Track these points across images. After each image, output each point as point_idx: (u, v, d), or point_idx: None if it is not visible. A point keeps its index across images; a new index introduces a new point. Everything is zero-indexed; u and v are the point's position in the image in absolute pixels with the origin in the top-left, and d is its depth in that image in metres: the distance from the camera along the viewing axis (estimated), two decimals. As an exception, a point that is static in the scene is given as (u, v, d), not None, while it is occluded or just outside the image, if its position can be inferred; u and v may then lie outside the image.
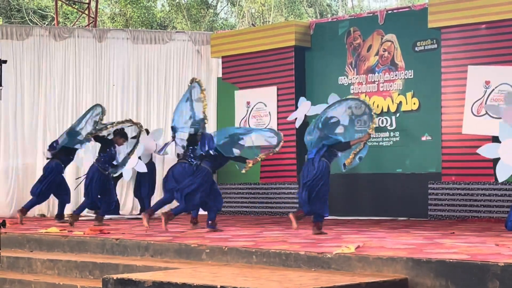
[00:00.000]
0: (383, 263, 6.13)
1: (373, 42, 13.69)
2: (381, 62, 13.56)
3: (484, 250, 6.54)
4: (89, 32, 15.73)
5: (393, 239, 7.96)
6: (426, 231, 9.34)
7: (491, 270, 5.50)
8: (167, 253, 7.81)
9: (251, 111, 15.01)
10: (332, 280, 5.74)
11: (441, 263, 5.79)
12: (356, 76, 13.83)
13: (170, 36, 16.22)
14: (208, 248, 7.43)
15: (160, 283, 5.76)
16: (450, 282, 5.69)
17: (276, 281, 5.72)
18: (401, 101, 13.23)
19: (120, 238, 8.47)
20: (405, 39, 13.23)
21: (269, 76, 14.74)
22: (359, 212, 13.14)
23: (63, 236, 9.11)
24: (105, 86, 15.63)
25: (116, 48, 15.75)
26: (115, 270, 7.42)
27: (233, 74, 15.41)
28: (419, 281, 5.86)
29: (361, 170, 12.84)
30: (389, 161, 13.08)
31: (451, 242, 7.53)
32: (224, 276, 6.03)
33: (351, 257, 6.34)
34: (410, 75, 13.18)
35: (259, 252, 6.96)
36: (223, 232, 9.52)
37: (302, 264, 6.60)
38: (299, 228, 10.05)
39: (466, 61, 12.18)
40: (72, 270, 7.97)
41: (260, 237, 8.49)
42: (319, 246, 7.10)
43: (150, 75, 15.95)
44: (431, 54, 12.83)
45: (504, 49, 11.87)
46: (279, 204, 14.43)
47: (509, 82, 11.68)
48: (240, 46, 15.19)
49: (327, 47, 14.26)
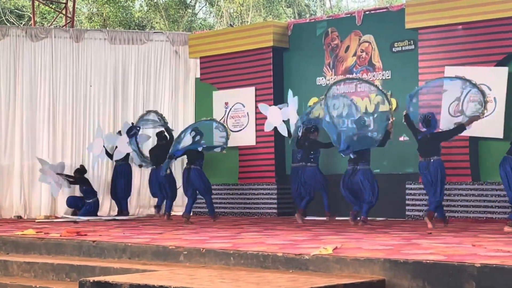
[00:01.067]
0: (361, 264, 6.13)
1: (351, 42, 13.73)
2: (359, 63, 13.60)
3: (460, 251, 6.56)
4: (66, 33, 15.65)
5: (370, 240, 7.96)
6: (403, 232, 9.37)
7: (467, 271, 5.52)
8: (144, 255, 7.77)
9: (229, 111, 14.99)
10: (310, 281, 5.73)
11: (418, 264, 5.80)
12: (334, 77, 13.86)
13: (148, 36, 16.17)
14: (186, 250, 7.40)
15: (137, 285, 5.72)
16: (427, 283, 5.70)
17: (254, 283, 5.70)
18: (379, 101, 13.26)
19: (97, 240, 8.42)
20: (382, 40, 13.28)
21: (247, 76, 14.74)
22: (338, 213, 13.15)
23: (40, 239, 9.04)
24: (82, 87, 15.55)
25: (93, 48, 15.68)
26: (92, 272, 7.37)
27: (211, 74, 15.39)
28: (396, 282, 5.87)
29: (340, 171, 12.84)
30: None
31: (428, 242, 7.55)
32: (201, 278, 6.01)
33: (328, 259, 6.34)
34: (387, 76, 13.23)
35: (236, 253, 6.95)
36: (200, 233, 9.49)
37: (280, 265, 6.59)
38: (277, 229, 10.05)
39: (443, 62, 12.24)
40: (49, 273, 7.90)
41: (238, 238, 8.47)
42: (297, 248, 7.10)
43: (128, 76, 15.89)
44: (409, 55, 12.89)
45: (481, 50, 11.94)
46: (257, 205, 14.43)
47: (486, 83, 11.72)
48: (218, 47, 15.17)
49: (305, 47, 14.28)
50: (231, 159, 14.90)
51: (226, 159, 14.89)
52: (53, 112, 15.28)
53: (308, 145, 12.35)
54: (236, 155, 14.91)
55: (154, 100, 16.04)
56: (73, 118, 15.46)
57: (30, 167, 15.10)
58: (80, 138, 15.52)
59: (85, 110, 15.58)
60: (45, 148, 15.21)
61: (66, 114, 15.39)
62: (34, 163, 14.99)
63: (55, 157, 15.22)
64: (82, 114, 15.53)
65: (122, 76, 15.86)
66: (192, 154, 13.19)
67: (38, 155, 15.04)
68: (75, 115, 15.47)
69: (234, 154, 14.91)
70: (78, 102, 15.52)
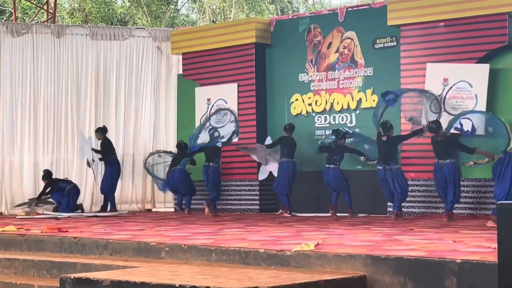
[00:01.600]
0: (342, 260, 6.14)
1: (333, 39, 13.74)
2: (341, 59, 13.61)
3: (441, 247, 6.58)
4: (47, 28, 15.57)
5: (352, 236, 7.98)
6: (385, 228, 9.39)
7: (448, 267, 5.53)
8: (126, 252, 7.75)
9: (211, 108, 14.96)
10: (292, 277, 5.73)
11: (399, 260, 5.81)
12: (317, 73, 13.87)
13: (130, 32, 16.12)
14: (168, 246, 7.38)
15: (118, 282, 5.70)
16: (408, 279, 5.71)
17: (235, 279, 5.70)
18: (361, 98, 13.31)
19: (78, 236, 8.39)
20: (365, 37, 13.30)
21: (230, 73, 14.72)
22: (320, 209, 13.18)
23: (21, 235, 8.99)
24: (63, 82, 15.47)
25: (75, 44, 15.61)
26: (73, 269, 7.34)
27: (193, 70, 15.36)
28: (377, 278, 5.88)
29: (322, 167, 12.86)
30: (349, 158, 13.11)
31: (409, 238, 7.58)
32: (183, 275, 5.99)
33: (310, 255, 6.34)
34: (370, 72, 13.25)
35: (218, 250, 6.94)
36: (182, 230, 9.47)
37: (261, 261, 6.59)
38: (259, 226, 10.05)
39: (425, 59, 12.27)
40: (30, 269, 7.86)
41: (220, 234, 8.46)
42: (279, 244, 7.10)
43: (110, 72, 15.84)
44: (391, 51, 12.91)
45: (462, 46, 11.98)
46: (239, 201, 14.42)
47: (467, 79, 11.80)
48: (200, 43, 15.14)
49: (288, 44, 14.28)
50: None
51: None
52: (34, 107, 15.20)
53: (336, 149, 12.52)
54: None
55: (136, 96, 16.00)
56: (55, 114, 15.39)
57: (10, 162, 15.01)
58: (62, 134, 15.46)
59: (66, 106, 15.50)
60: (25, 144, 15.13)
61: (47, 109, 15.31)
62: (14, 159, 14.92)
63: (36, 152, 15.15)
64: (63, 110, 15.46)
65: (104, 72, 15.80)
66: (209, 151, 13.38)
67: (17, 150, 14.98)
68: (56, 110, 15.40)
69: (217, 150, 14.89)
70: (59, 98, 15.44)
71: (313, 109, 13.90)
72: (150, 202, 16.10)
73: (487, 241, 7.08)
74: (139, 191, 15.98)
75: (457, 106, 11.84)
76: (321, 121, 13.77)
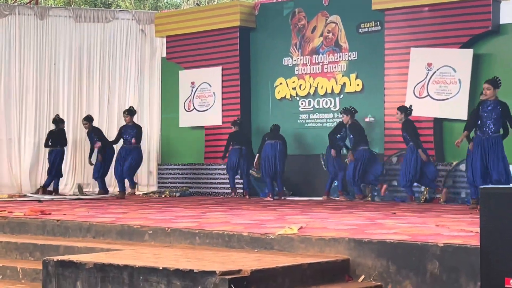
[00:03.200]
0: (326, 243, 6.16)
1: (317, 23, 13.74)
2: (326, 44, 13.61)
3: (424, 231, 6.62)
4: (30, 10, 15.46)
5: (335, 220, 8.01)
6: (368, 212, 9.43)
7: (430, 251, 5.56)
8: (109, 235, 7.73)
9: (195, 91, 14.94)
10: (275, 261, 5.74)
11: (382, 244, 5.84)
12: (301, 57, 13.87)
13: (113, 14, 16.03)
14: (151, 230, 7.37)
15: (101, 264, 5.69)
16: (391, 262, 5.74)
17: (219, 262, 5.70)
18: (345, 82, 13.32)
19: (61, 219, 8.36)
20: (349, 21, 13.30)
21: (214, 56, 14.69)
22: (304, 193, 13.21)
23: (3, 217, 8.95)
24: (47, 65, 15.40)
25: (58, 26, 15.53)
26: (56, 251, 7.31)
27: (177, 54, 15.32)
28: (360, 261, 5.91)
29: (305, 152, 12.89)
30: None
31: (392, 222, 7.61)
32: (166, 258, 5.99)
33: (293, 238, 6.36)
34: (354, 57, 13.26)
35: (202, 233, 6.94)
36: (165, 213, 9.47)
37: (245, 245, 6.60)
38: (243, 209, 10.06)
39: (409, 43, 12.30)
40: (12, 252, 7.83)
41: (204, 218, 8.47)
42: (262, 227, 7.11)
43: (93, 54, 15.77)
44: (375, 36, 12.93)
45: (446, 31, 12.01)
46: (223, 184, 14.42)
47: (450, 64, 11.85)
48: (184, 26, 15.10)
49: (272, 27, 14.26)
50: (197, 139, 14.88)
51: (192, 139, 14.89)
52: (18, 90, 15.11)
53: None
54: (202, 135, 14.89)
55: (120, 79, 15.95)
56: (37, 96, 15.31)
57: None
58: (44, 116, 15.39)
59: (49, 88, 15.43)
60: (11, 125, 15.06)
61: (30, 92, 15.24)
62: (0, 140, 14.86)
63: (20, 134, 15.09)
64: (46, 92, 15.39)
65: (87, 55, 15.73)
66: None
67: (2, 132, 14.93)
68: (39, 93, 15.33)
69: (200, 134, 14.90)
70: (42, 80, 15.38)
71: (297, 93, 13.91)
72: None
73: (469, 225, 7.13)
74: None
75: (440, 91, 11.89)
76: (305, 105, 13.78)
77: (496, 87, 9.81)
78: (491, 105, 9.79)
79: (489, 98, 9.80)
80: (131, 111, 14.08)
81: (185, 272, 5.25)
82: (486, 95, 9.85)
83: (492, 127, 9.80)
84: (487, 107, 9.80)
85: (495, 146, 9.78)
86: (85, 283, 5.74)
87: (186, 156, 14.88)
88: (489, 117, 9.81)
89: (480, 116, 9.87)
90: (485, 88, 9.86)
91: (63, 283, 5.88)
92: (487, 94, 9.82)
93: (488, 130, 9.82)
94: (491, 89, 9.77)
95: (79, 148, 15.59)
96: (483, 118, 9.84)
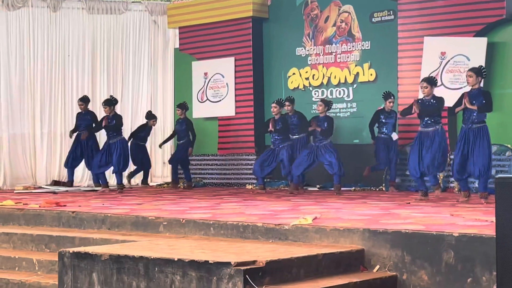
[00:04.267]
0: (340, 234, 6.16)
1: (330, 13, 13.69)
2: (338, 33, 13.57)
3: (439, 221, 6.61)
4: (43, 2, 15.47)
5: (349, 210, 8.01)
6: (382, 202, 9.42)
7: (446, 241, 5.56)
8: (124, 226, 7.76)
9: (208, 82, 14.94)
10: (290, 251, 5.75)
11: (397, 234, 5.84)
12: (314, 47, 13.83)
13: (126, 6, 16.04)
14: (166, 221, 7.39)
15: (117, 256, 5.72)
16: (406, 252, 5.74)
17: (234, 253, 5.72)
18: (358, 72, 13.29)
19: (76, 211, 8.40)
20: (362, 10, 13.25)
21: (227, 47, 14.68)
22: (317, 182, 13.19)
23: (19, 209, 9.00)
24: (60, 57, 15.42)
25: (71, 18, 15.53)
26: (71, 243, 7.35)
27: (190, 45, 15.31)
28: (375, 251, 5.91)
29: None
30: (346, 132, 13.15)
31: (407, 212, 7.60)
32: (181, 249, 6.01)
33: (308, 229, 6.37)
34: (367, 46, 13.22)
35: (216, 224, 6.96)
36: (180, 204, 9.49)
37: (259, 235, 6.61)
38: (257, 200, 10.07)
39: (422, 32, 12.24)
40: (28, 244, 7.88)
41: (218, 209, 8.48)
42: (277, 218, 7.12)
43: (106, 46, 15.78)
44: (388, 25, 12.88)
45: (460, 20, 11.94)
46: (237, 175, 14.44)
47: (464, 53, 11.78)
48: (197, 17, 15.09)
49: (285, 18, 14.23)
50: (210, 129, 14.90)
51: (205, 129, 14.91)
52: (31, 82, 15.15)
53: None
54: (216, 125, 14.91)
55: (133, 71, 15.97)
56: (51, 88, 15.34)
57: (10, 137, 14.99)
58: (58, 108, 15.42)
59: (63, 80, 15.47)
60: (25, 118, 15.10)
61: (44, 84, 15.26)
62: (12, 133, 14.90)
63: (35, 126, 15.14)
64: (60, 84, 15.41)
65: (100, 47, 15.75)
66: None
67: (16, 124, 14.97)
68: (53, 85, 15.35)
69: (214, 124, 14.91)
70: (56, 72, 15.39)
71: (310, 83, 13.89)
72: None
73: (484, 214, 7.11)
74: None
75: (454, 80, 11.83)
76: (318, 95, 13.76)
77: (480, 75, 9.30)
78: (474, 94, 9.27)
79: (472, 86, 9.28)
80: (85, 99, 13.94)
81: (200, 263, 5.27)
82: (468, 82, 9.34)
83: (475, 116, 9.22)
84: (470, 96, 9.24)
85: (480, 136, 9.20)
86: (101, 275, 5.78)
87: (199, 147, 14.89)
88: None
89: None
90: (467, 75, 9.35)
91: (79, 275, 5.91)
92: (469, 82, 9.30)
93: (471, 120, 9.24)
94: (473, 77, 9.23)
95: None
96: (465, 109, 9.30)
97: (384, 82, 12.85)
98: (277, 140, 12.15)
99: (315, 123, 11.56)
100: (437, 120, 9.90)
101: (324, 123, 11.52)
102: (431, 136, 9.83)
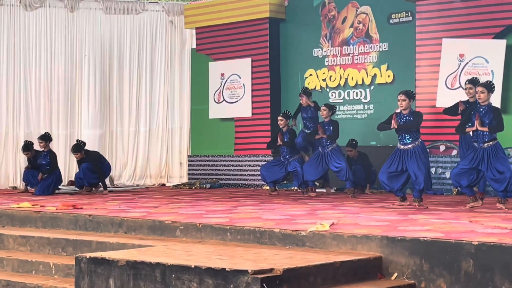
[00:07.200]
0: (358, 241, 6.13)
1: (347, 14, 13.64)
2: (356, 35, 13.51)
3: (458, 227, 6.55)
4: (60, 2, 15.51)
5: (367, 215, 7.95)
6: (399, 206, 9.34)
7: (465, 249, 5.51)
8: (140, 230, 7.76)
9: (225, 82, 14.92)
10: (307, 259, 5.72)
11: (416, 242, 5.79)
12: (331, 48, 13.78)
13: (143, 6, 16.05)
14: (182, 225, 7.38)
15: (134, 262, 5.71)
16: (424, 260, 5.69)
17: (251, 260, 5.69)
18: (376, 73, 13.22)
19: (93, 214, 8.40)
20: (380, 11, 13.19)
21: (244, 47, 14.65)
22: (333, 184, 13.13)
23: (36, 212, 9.02)
24: (77, 57, 15.46)
25: (88, 18, 15.56)
26: (88, 247, 7.36)
27: (207, 45, 15.30)
28: (393, 259, 5.86)
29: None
30: (363, 133, 13.08)
31: (424, 218, 7.54)
32: (198, 255, 5.99)
33: (325, 235, 6.33)
34: (384, 48, 13.15)
35: (233, 229, 6.93)
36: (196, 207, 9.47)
37: (276, 241, 6.58)
38: (274, 203, 10.03)
39: (441, 34, 12.16)
40: (45, 247, 7.89)
41: (235, 213, 8.45)
42: (294, 223, 7.08)
43: (123, 46, 15.81)
44: (406, 27, 12.81)
45: (478, 22, 11.86)
46: (253, 176, 14.41)
47: (483, 55, 11.70)
48: (214, 17, 15.07)
49: (302, 19, 14.18)
50: (227, 130, 14.88)
51: (222, 130, 14.90)
52: (48, 82, 15.19)
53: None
54: (232, 126, 14.88)
55: (150, 71, 15.98)
56: (68, 89, 15.38)
57: (25, 136, 15.02)
58: (75, 108, 15.46)
59: (80, 81, 15.50)
60: (41, 118, 15.15)
61: (60, 84, 15.30)
62: (29, 133, 14.94)
63: (51, 127, 15.17)
64: (76, 85, 15.45)
65: (117, 47, 15.77)
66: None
67: (32, 124, 15.02)
68: (70, 85, 15.39)
69: (230, 125, 14.89)
70: (73, 72, 15.43)
71: (327, 84, 13.84)
72: (164, 177, 16.12)
73: (503, 221, 7.05)
74: (153, 166, 16.01)
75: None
76: (335, 97, 13.71)
77: (491, 91, 8.93)
78: (484, 112, 8.90)
79: (482, 102, 8.90)
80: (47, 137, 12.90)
81: (217, 270, 5.24)
82: (480, 98, 8.91)
83: (486, 136, 8.84)
84: (480, 113, 8.90)
85: (495, 153, 8.81)
86: (118, 280, 5.77)
87: (216, 147, 14.88)
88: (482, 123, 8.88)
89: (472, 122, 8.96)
90: (478, 91, 8.94)
91: (96, 280, 5.91)
92: (480, 98, 8.89)
93: (482, 140, 8.87)
94: (485, 93, 8.85)
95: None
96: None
97: (402, 84, 12.74)
98: (284, 152, 12.11)
99: (321, 129, 11.46)
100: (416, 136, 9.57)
101: (329, 128, 11.46)
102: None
